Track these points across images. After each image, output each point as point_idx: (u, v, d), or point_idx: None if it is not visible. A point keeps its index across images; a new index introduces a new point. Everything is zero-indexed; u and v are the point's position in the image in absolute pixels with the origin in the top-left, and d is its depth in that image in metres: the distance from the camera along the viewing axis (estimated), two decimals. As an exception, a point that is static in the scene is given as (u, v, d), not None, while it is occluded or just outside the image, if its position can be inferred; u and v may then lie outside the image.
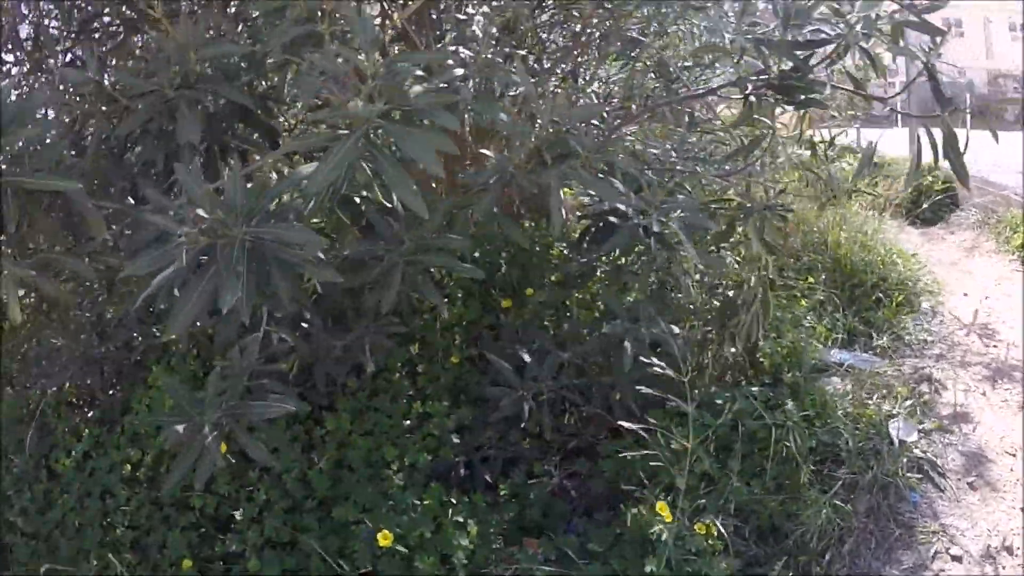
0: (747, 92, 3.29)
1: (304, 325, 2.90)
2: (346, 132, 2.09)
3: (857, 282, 4.32)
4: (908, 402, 3.73)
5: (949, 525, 3.23)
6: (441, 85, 2.31)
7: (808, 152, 4.01)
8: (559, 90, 3.58)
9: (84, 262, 2.24)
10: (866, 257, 4.41)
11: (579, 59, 4.32)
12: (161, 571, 3.03)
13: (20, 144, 2.08)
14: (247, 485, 3.12)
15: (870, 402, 3.68)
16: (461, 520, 2.98)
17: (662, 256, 3.13)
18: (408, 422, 3.28)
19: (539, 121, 2.69)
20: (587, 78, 4.44)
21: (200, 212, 1.93)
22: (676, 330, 3.20)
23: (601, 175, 2.89)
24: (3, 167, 2.03)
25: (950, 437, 3.66)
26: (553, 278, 3.75)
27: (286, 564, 2.89)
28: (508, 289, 3.69)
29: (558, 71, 4.12)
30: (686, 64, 4.04)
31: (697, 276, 3.56)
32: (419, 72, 2.22)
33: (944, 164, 3.02)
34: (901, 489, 3.33)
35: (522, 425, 3.36)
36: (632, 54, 4.12)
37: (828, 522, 3.08)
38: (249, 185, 2.08)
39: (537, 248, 3.85)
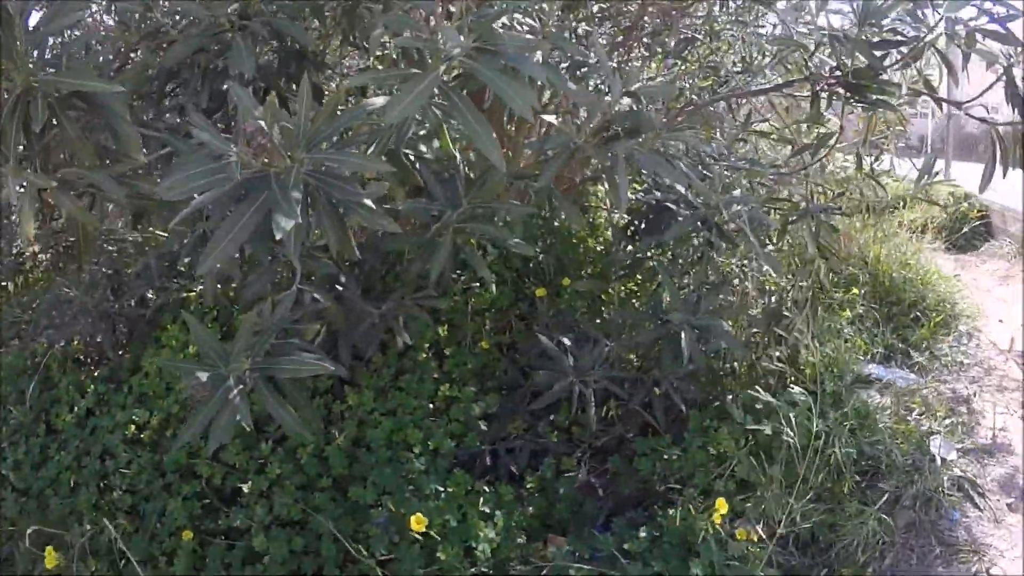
0: (818, 88, 3.12)
1: (339, 288, 2.69)
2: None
3: (895, 300, 4.16)
4: (947, 421, 3.56)
5: (989, 545, 3.07)
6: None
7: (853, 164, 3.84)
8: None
9: (114, 182, 2.02)
10: (905, 275, 4.25)
11: (627, 55, 4.14)
12: (158, 540, 2.80)
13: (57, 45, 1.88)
14: (258, 457, 2.91)
15: (909, 418, 3.50)
16: (487, 510, 2.77)
17: (721, 250, 2.95)
18: (433, 405, 3.08)
19: (609, 96, 2.51)
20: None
21: (259, 129, 1.73)
22: (729, 328, 3.02)
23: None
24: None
25: (989, 459, 3.49)
26: (591, 270, 3.56)
27: (294, 544, 2.67)
28: (543, 278, 3.50)
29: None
30: (736, 68, 3.86)
31: (745, 276, 3.38)
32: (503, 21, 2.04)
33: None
34: (942, 506, 3.15)
35: (550, 417, 3.17)
36: (684, 54, 3.96)
37: (871, 535, 2.90)
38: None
39: (574, 240, 3.66)
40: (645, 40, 4.05)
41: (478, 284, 3.38)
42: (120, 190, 2.04)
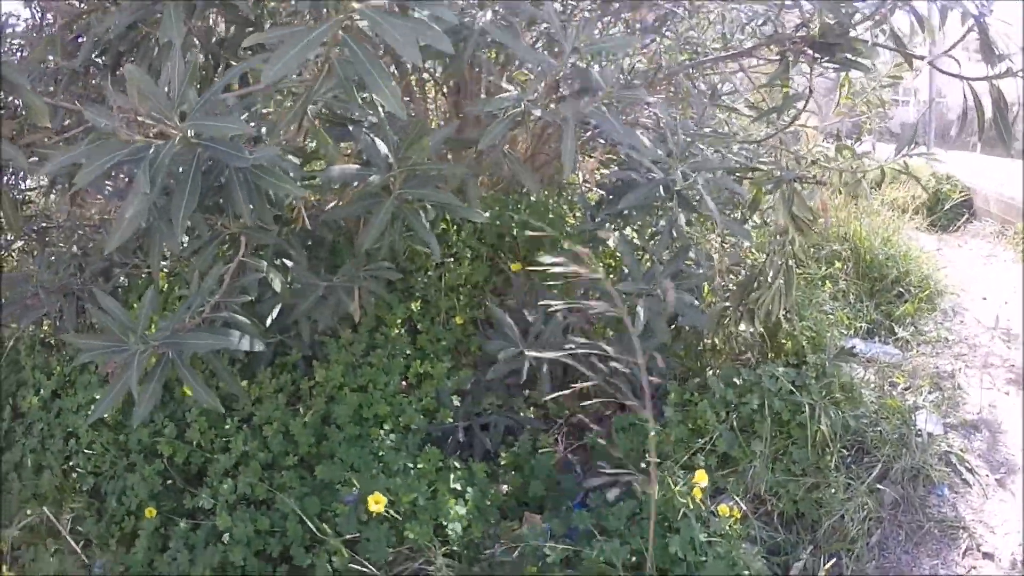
0: (784, 48, 2.85)
1: (287, 261, 2.43)
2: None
3: (878, 276, 3.89)
4: (932, 396, 3.29)
5: (979, 521, 2.80)
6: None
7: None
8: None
9: (18, 149, 1.79)
10: (888, 252, 3.99)
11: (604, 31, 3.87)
12: (117, 520, 2.54)
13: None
14: (223, 436, 2.64)
15: (894, 393, 3.23)
16: (459, 487, 2.50)
17: (681, 218, 2.67)
18: (405, 381, 2.81)
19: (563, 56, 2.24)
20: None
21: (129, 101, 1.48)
22: (694, 301, 2.73)
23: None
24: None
25: (975, 434, 3.22)
26: (566, 245, 3.28)
27: (259, 524, 2.39)
28: (518, 253, 3.23)
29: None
30: (715, 44, 3.59)
31: (715, 248, 3.11)
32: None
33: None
34: (930, 481, 2.89)
35: (526, 393, 2.90)
36: (663, 29, 3.69)
37: (856, 511, 2.63)
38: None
39: (551, 215, 3.39)
40: (624, 16, 3.79)
41: (452, 259, 3.12)
42: (24, 159, 1.80)
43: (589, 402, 2.94)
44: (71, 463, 2.74)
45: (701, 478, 2.34)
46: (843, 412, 2.84)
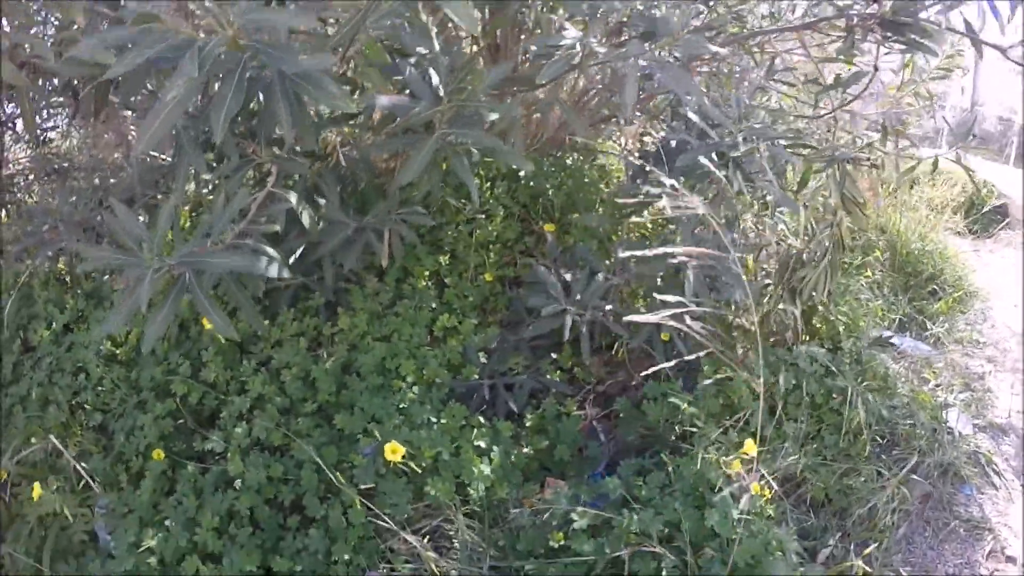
0: (852, 24, 2.71)
1: (318, 197, 2.28)
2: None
3: (912, 271, 3.74)
4: (962, 395, 3.14)
5: (1004, 524, 2.67)
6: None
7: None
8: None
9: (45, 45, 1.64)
10: (923, 247, 3.83)
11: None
12: (125, 459, 2.40)
13: None
14: (239, 378, 2.50)
15: (924, 388, 3.09)
16: (483, 445, 2.37)
17: (736, 185, 2.52)
18: (431, 334, 2.67)
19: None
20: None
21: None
22: (740, 273, 2.59)
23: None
24: None
25: (1003, 437, 3.08)
26: (601, 210, 3.14)
27: (272, 470, 2.26)
28: (552, 214, 3.08)
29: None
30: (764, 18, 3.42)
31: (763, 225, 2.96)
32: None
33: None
34: (959, 479, 2.76)
35: (553, 356, 2.76)
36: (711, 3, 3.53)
37: (887, 502, 2.50)
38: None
39: (586, 178, 3.25)
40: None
41: (484, 215, 2.97)
42: (50, 53, 1.65)
43: (618, 371, 2.85)
44: (79, 399, 2.60)
45: (749, 448, 2.20)
46: (876, 401, 2.71)
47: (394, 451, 2.14)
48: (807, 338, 2.95)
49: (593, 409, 2.74)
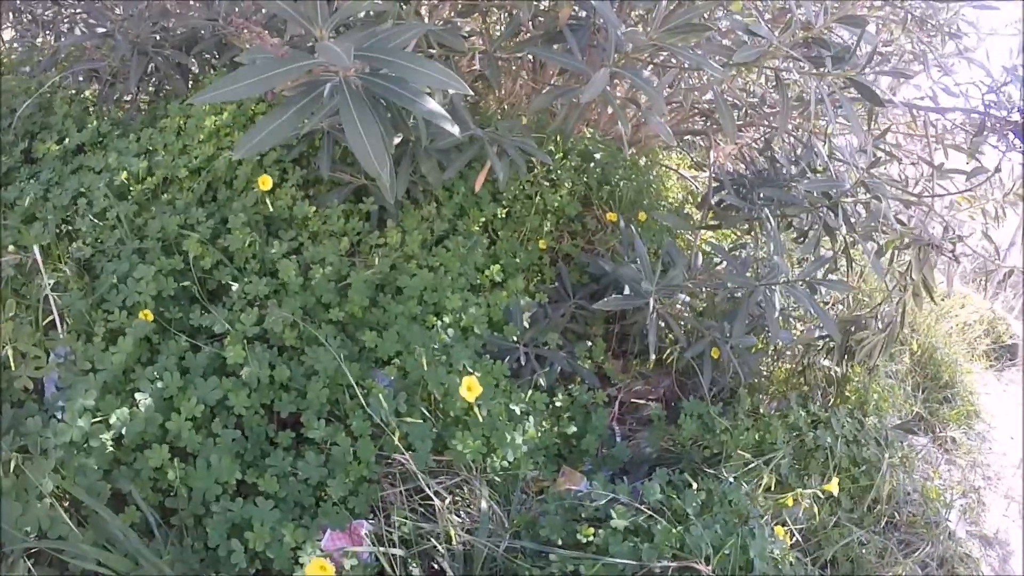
0: (985, 124, 2.37)
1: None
2: None
3: (932, 375, 3.42)
4: (961, 501, 2.82)
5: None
6: None
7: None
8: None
9: None
10: (949, 352, 3.50)
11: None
12: (108, 303, 1.83)
13: None
14: (263, 257, 1.95)
15: (929, 484, 2.76)
16: (519, 412, 1.87)
17: (842, 228, 2.12)
18: (476, 283, 2.17)
19: None
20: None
21: None
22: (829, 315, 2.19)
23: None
24: None
25: (989, 550, 2.78)
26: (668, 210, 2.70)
27: (278, 373, 1.73)
28: (616, 205, 2.62)
29: None
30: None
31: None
32: None
33: None
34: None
35: (587, 345, 2.29)
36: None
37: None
38: None
39: (653, 183, 2.81)
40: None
41: (550, 184, 2.49)
42: None
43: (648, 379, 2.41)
44: (71, 226, 2.02)
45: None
46: (899, 479, 2.34)
47: (470, 389, 1.63)
48: (839, 402, 2.57)
49: (611, 409, 2.28)
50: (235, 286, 1.85)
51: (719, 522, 1.70)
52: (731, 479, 1.93)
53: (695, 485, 1.84)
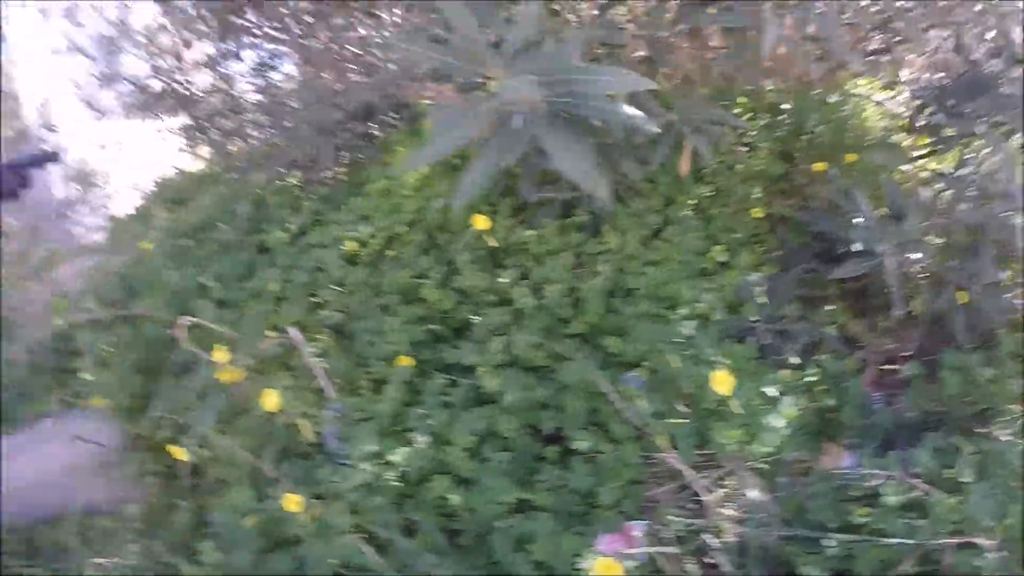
0: None
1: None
2: None
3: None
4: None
5: None
6: None
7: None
8: None
9: None
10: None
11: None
12: (365, 363, 1.96)
13: None
14: (494, 289, 2.02)
15: None
16: (774, 394, 1.81)
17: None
18: (701, 267, 2.12)
19: None
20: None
21: None
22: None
23: None
24: None
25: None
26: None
27: (535, 394, 1.78)
28: (817, 152, 2.46)
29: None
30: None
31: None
32: None
33: None
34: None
35: (828, 309, 2.16)
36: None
37: None
38: None
39: (851, 118, 2.62)
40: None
41: (746, 148, 2.39)
42: None
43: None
44: (316, 299, 2.20)
45: None
46: None
47: (723, 382, 1.61)
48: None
49: (868, 372, 2.13)
50: (476, 320, 1.93)
51: (998, 488, 1.53)
52: (1006, 436, 1.74)
53: (966, 448, 1.68)
